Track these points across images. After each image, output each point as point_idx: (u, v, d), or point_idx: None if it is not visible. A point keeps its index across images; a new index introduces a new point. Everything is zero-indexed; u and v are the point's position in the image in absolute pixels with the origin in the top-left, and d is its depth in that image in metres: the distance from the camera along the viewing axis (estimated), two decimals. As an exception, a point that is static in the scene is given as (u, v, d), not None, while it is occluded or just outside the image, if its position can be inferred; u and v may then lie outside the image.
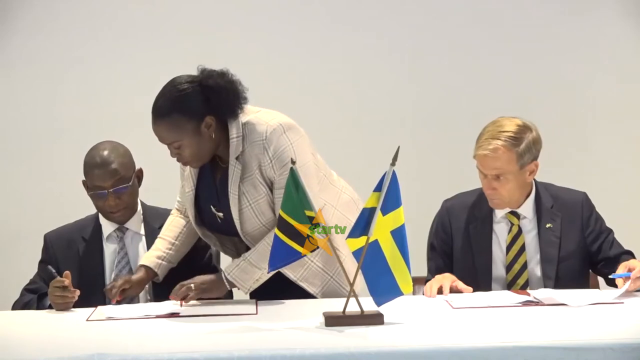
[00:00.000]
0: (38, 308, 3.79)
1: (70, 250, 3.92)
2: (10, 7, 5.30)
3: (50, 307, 3.71)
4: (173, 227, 3.88)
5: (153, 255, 3.81)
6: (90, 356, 2.92)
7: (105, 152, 3.86)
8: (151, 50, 5.38)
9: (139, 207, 3.97)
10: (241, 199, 3.67)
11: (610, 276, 3.74)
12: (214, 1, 5.42)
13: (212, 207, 3.75)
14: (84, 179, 3.90)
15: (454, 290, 3.79)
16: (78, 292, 3.64)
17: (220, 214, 3.74)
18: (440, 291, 3.76)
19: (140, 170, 3.94)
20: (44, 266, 3.90)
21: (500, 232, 3.95)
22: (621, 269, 3.71)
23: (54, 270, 3.72)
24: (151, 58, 5.37)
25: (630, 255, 3.90)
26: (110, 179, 3.83)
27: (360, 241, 3.31)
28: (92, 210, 3.98)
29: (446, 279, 3.80)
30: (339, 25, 5.48)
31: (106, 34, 5.36)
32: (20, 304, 3.87)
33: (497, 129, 3.83)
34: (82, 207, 4.03)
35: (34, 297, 3.85)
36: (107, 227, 3.94)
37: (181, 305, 3.60)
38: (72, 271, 3.76)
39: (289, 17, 5.46)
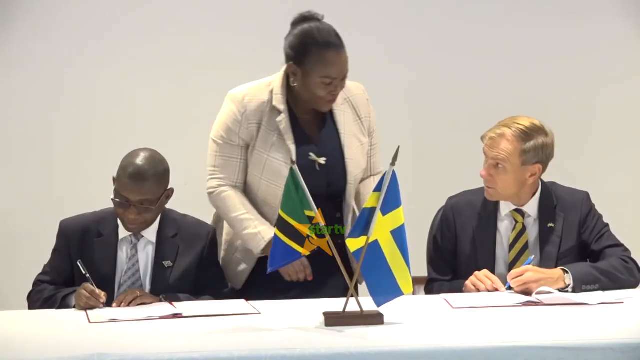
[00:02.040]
0: (61, 307, 3.72)
1: (84, 242, 3.83)
2: (10, 7, 5.29)
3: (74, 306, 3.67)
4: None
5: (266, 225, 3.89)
6: (90, 356, 2.92)
7: (143, 165, 3.72)
8: (152, 50, 5.37)
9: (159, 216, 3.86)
10: (353, 140, 3.92)
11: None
12: (214, 2, 5.41)
13: (310, 154, 3.81)
14: (115, 176, 3.79)
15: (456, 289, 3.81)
16: (104, 301, 3.62)
17: (322, 160, 3.76)
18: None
19: (172, 190, 3.82)
20: (57, 255, 3.86)
21: (504, 230, 3.95)
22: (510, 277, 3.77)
23: (86, 273, 3.68)
24: (151, 58, 5.37)
25: (618, 247, 3.91)
26: (138, 195, 3.72)
27: (360, 241, 3.31)
28: (95, 209, 3.95)
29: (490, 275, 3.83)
30: (338, 26, 5.46)
31: (106, 34, 5.35)
32: (40, 299, 3.79)
33: (512, 120, 3.89)
34: (83, 207, 4.02)
35: (56, 294, 3.76)
36: (124, 229, 3.83)
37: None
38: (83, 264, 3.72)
39: (288, 19, 5.46)
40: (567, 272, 3.74)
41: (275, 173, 3.86)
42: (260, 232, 3.90)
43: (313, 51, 3.84)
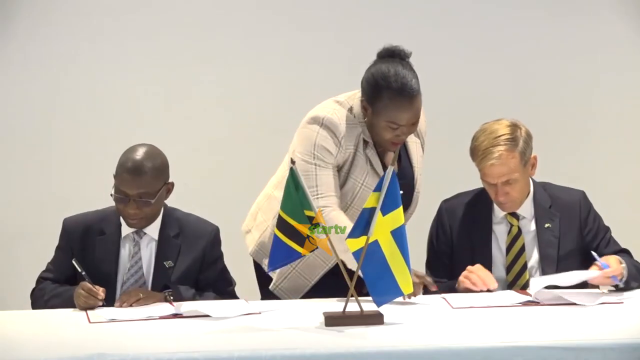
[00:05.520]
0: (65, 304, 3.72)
1: (87, 240, 3.81)
2: (9, 7, 5.29)
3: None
4: None
5: None
6: (90, 356, 2.92)
7: (140, 159, 3.71)
8: (152, 50, 5.37)
9: (161, 212, 3.84)
10: (422, 171, 3.94)
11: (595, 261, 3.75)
12: (212, 2, 5.41)
13: None
14: (114, 173, 3.77)
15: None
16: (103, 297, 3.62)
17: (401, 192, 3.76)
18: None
19: (172, 184, 3.79)
20: (60, 253, 3.84)
21: (500, 233, 3.95)
22: (594, 268, 3.75)
23: (82, 271, 3.67)
24: (152, 58, 5.37)
25: (625, 253, 3.91)
26: (137, 189, 3.70)
27: (360, 241, 3.31)
28: (95, 209, 3.95)
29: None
30: (337, 26, 5.48)
31: (106, 34, 5.35)
32: (42, 301, 3.77)
33: (491, 136, 3.83)
34: (84, 206, 4.02)
35: (51, 298, 3.75)
36: (126, 226, 3.81)
37: None
38: (85, 263, 3.70)
39: (288, 18, 5.46)
40: (622, 264, 3.75)
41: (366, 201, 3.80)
42: None
43: (384, 95, 3.69)
